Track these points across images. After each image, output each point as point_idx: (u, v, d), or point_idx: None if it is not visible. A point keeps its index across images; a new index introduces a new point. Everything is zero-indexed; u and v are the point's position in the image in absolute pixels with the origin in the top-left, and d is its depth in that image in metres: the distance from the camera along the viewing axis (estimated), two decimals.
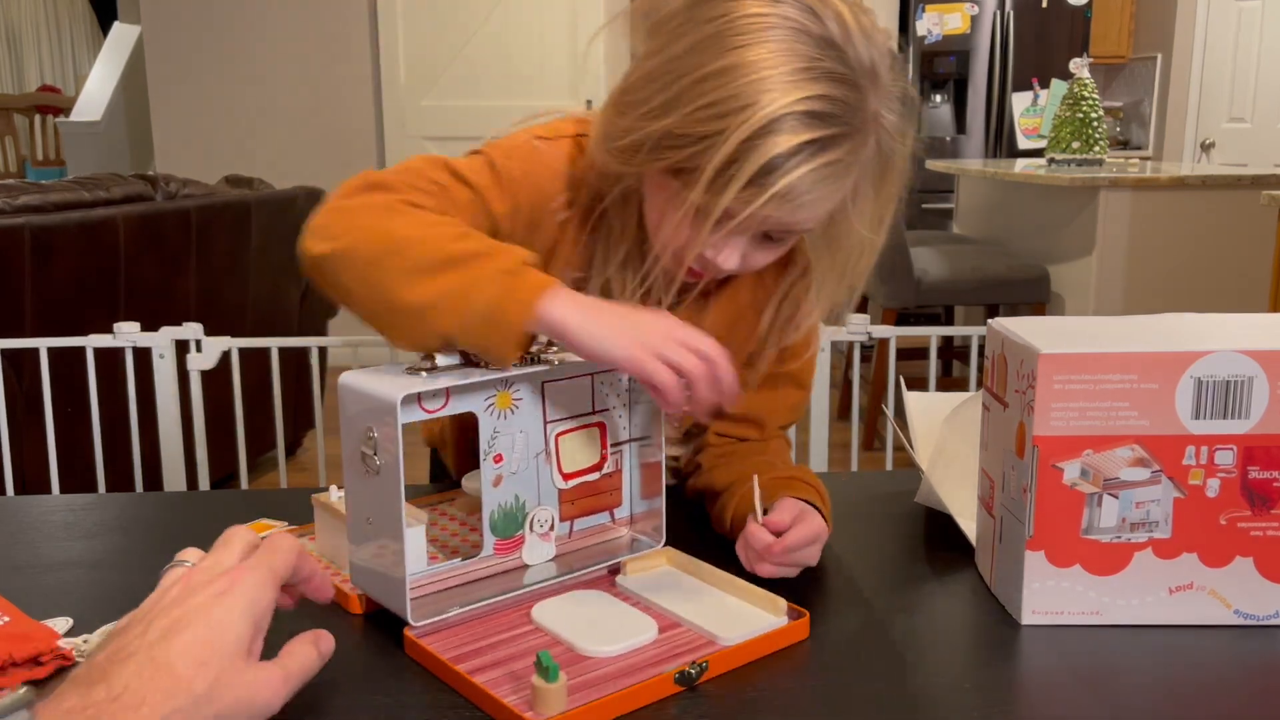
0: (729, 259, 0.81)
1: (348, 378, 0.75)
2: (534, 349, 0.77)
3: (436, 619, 0.75)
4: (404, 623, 0.74)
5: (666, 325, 0.73)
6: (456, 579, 0.81)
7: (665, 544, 0.86)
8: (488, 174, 0.85)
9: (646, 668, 0.70)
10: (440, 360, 0.76)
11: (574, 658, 0.71)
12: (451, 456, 1.09)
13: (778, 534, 0.81)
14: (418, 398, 0.74)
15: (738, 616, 0.76)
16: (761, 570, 0.81)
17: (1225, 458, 0.74)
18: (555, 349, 0.78)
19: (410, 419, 0.73)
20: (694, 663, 0.69)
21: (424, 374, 0.74)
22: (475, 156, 0.87)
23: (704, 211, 0.76)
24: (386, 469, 0.72)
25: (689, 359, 0.72)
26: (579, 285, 0.88)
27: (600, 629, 0.74)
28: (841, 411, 3.67)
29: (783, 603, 0.76)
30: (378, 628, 0.77)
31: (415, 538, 0.80)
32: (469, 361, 0.77)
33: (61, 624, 0.77)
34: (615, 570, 0.84)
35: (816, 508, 0.86)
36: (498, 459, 0.81)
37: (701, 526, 0.96)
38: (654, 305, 0.89)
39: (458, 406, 0.77)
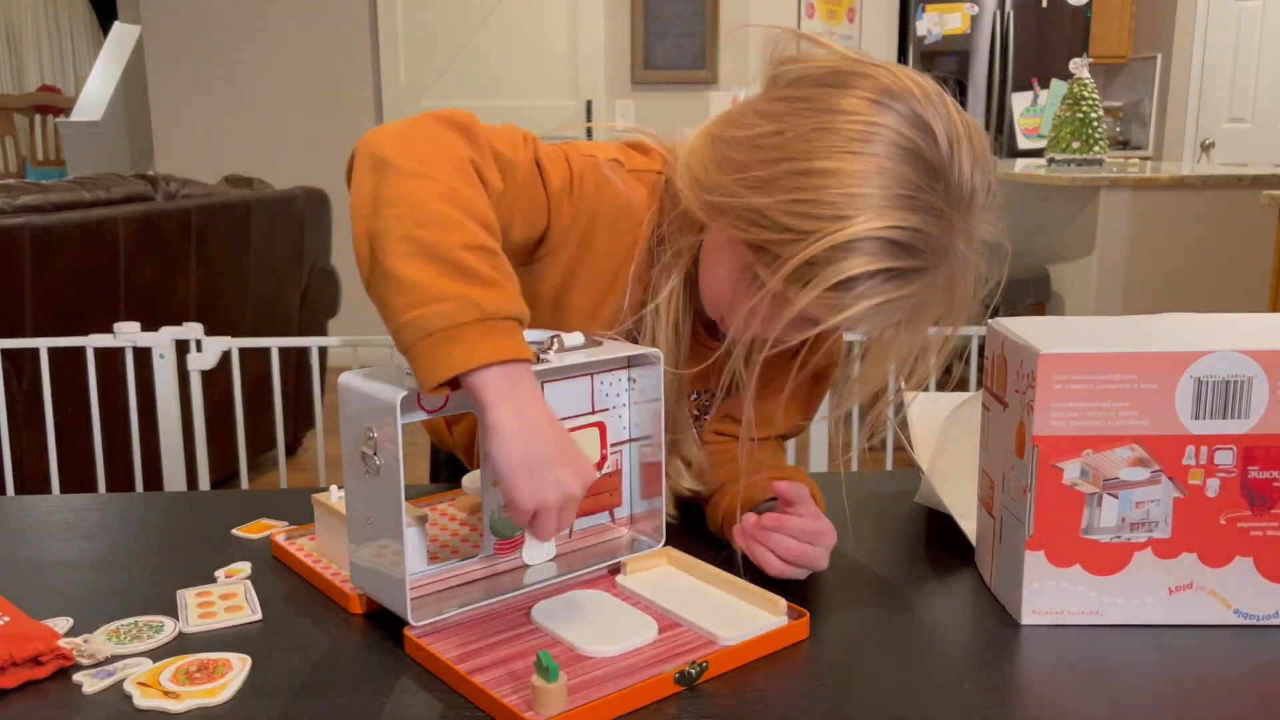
0: (767, 330, 0.81)
1: (347, 378, 0.75)
2: (535, 348, 0.78)
3: (436, 619, 0.75)
4: (404, 623, 0.74)
5: (570, 488, 0.70)
6: (456, 579, 0.81)
7: (665, 544, 0.86)
8: (565, 182, 0.84)
9: (646, 668, 0.70)
10: None
11: (574, 658, 0.71)
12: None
13: (786, 503, 0.82)
14: (417, 398, 0.74)
15: (738, 616, 0.76)
16: (771, 566, 0.81)
17: (1225, 458, 0.74)
18: (554, 349, 0.78)
19: (410, 419, 0.73)
20: (694, 663, 0.69)
21: None
22: (558, 156, 0.85)
23: (773, 296, 0.77)
24: (386, 469, 0.72)
25: (551, 527, 0.71)
26: (637, 309, 0.89)
27: (600, 629, 0.74)
28: None
29: (783, 603, 0.76)
30: (378, 628, 0.77)
31: (415, 537, 0.81)
32: None
33: (61, 624, 0.77)
34: (615, 570, 0.84)
35: None
36: None
37: (701, 527, 0.96)
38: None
39: (457, 406, 0.77)
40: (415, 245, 0.69)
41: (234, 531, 0.95)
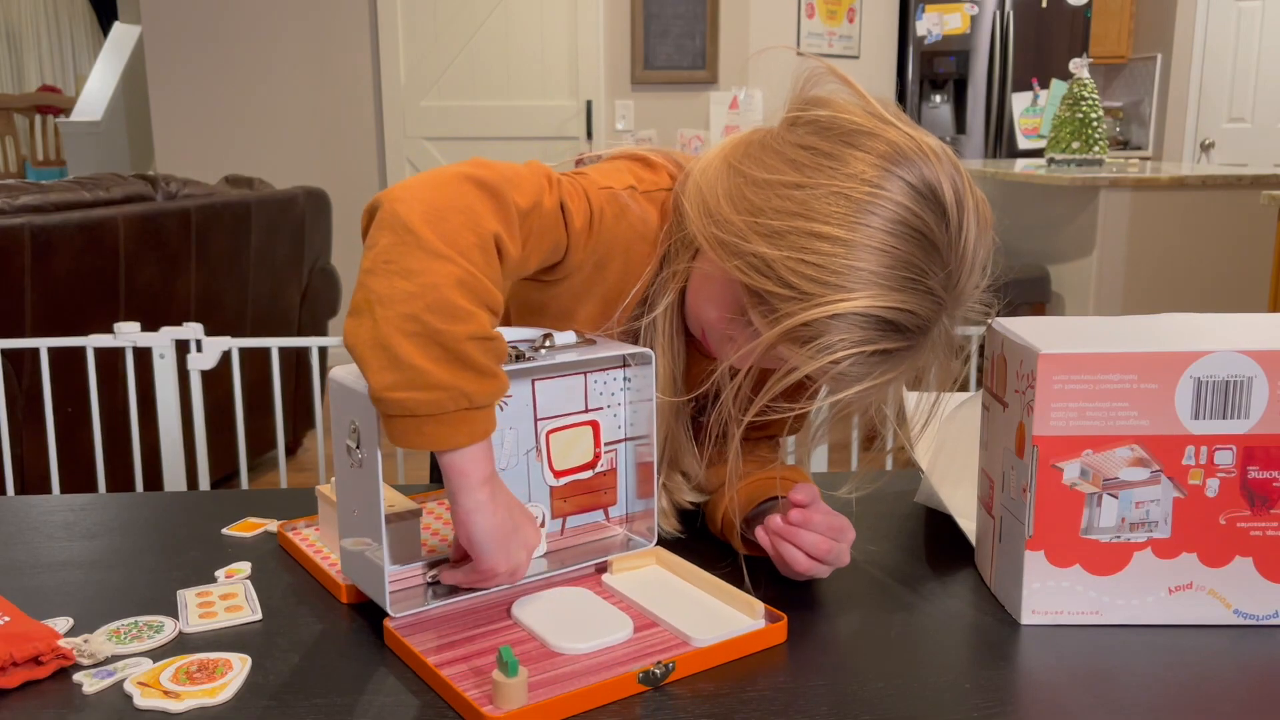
0: (752, 366, 0.82)
1: (337, 372, 0.76)
2: (525, 346, 0.78)
3: (416, 611, 0.76)
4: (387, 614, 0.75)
5: (534, 541, 0.77)
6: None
7: (657, 544, 0.86)
8: (586, 221, 0.83)
9: (614, 666, 0.70)
10: None
11: (546, 654, 0.71)
12: None
13: (799, 506, 0.81)
14: None
15: (714, 618, 0.76)
16: (799, 563, 0.80)
17: (1225, 458, 0.74)
18: (545, 348, 0.79)
19: None
20: (660, 663, 0.69)
21: None
22: (579, 195, 0.84)
23: (765, 345, 0.77)
24: (368, 461, 0.72)
25: (500, 581, 0.76)
26: (635, 319, 0.89)
27: (576, 626, 0.74)
28: None
29: (760, 605, 0.76)
30: (364, 618, 0.78)
31: (405, 531, 0.81)
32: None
33: (61, 624, 0.77)
34: (603, 568, 0.84)
35: None
36: None
37: (699, 527, 0.96)
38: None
39: None
40: (420, 326, 0.68)
41: (223, 531, 0.96)
